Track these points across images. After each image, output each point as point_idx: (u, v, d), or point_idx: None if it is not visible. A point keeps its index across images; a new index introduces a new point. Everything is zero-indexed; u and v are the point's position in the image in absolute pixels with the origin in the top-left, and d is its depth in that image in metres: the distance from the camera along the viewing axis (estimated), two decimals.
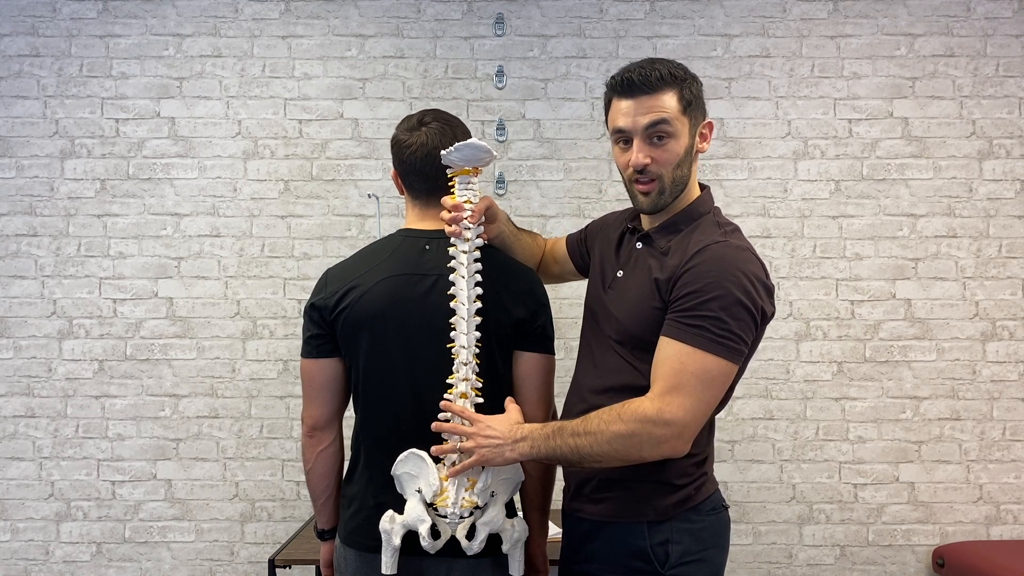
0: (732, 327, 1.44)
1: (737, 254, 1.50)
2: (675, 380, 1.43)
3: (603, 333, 1.64)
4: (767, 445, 3.09)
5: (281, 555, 2.46)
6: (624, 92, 1.55)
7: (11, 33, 3.09)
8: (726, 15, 3.11)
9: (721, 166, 3.10)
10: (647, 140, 1.53)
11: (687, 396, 1.42)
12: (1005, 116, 3.10)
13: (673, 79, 1.54)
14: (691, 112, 1.56)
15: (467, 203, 1.57)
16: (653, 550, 1.51)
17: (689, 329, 1.44)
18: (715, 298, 1.43)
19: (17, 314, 3.08)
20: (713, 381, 1.45)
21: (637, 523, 1.52)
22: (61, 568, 3.07)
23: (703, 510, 1.56)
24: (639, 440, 1.41)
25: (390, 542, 1.50)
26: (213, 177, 3.10)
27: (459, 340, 1.52)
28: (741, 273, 1.46)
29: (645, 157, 1.53)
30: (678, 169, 1.56)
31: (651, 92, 1.52)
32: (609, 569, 1.54)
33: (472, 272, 1.54)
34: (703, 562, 1.54)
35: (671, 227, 1.60)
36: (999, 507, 3.08)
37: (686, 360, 1.43)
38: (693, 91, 1.57)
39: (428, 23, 3.11)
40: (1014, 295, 3.09)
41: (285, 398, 3.09)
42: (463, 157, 1.55)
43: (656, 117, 1.52)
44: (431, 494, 1.47)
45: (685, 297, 1.46)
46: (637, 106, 1.53)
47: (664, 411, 1.41)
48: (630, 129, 1.54)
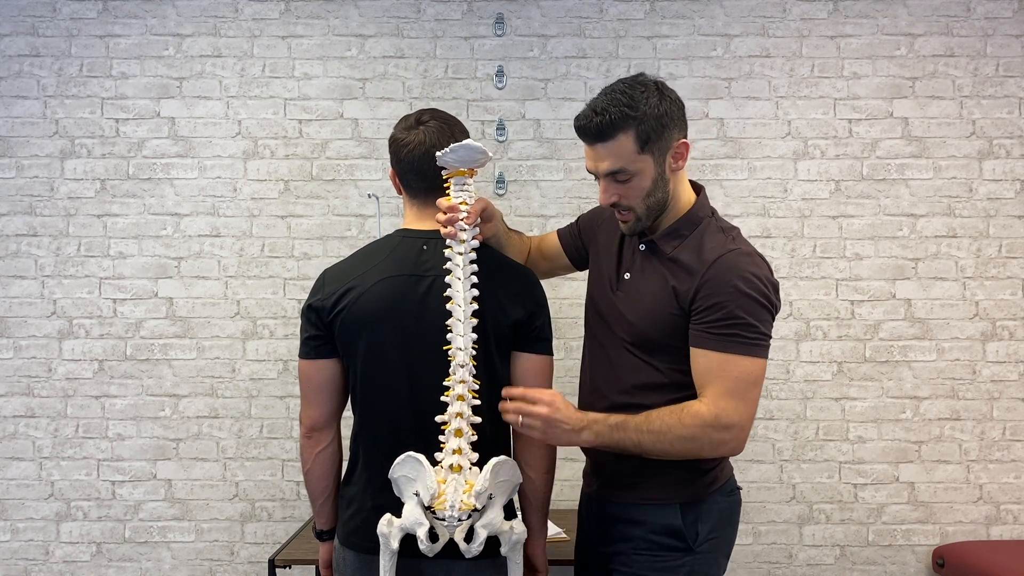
0: (759, 328, 1.56)
1: (748, 261, 1.60)
2: (724, 385, 1.55)
3: (615, 334, 1.70)
4: (767, 445, 3.09)
5: (281, 555, 2.46)
6: (582, 137, 1.61)
7: (11, 33, 3.09)
8: (726, 15, 3.11)
9: (721, 166, 3.10)
10: (612, 181, 1.60)
11: (739, 399, 1.55)
12: (1005, 116, 3.10)
13: (625, 120, 1.54)
14: (651, 147, 1.57)
15: (463, 204, 1.57)
16: (687, 528, 1.63)
17: (724, 339, 1.55)
18: (740, 306, 1.55)
19: (17, 314, 3.09)
20: (757, 380, 1.58)
21: (671, 504, 1.64)
22: (61, 568, 3.07)
23: (725, 491, 1.70)
24: (701, 443, 1.55)
25: (388, 546, 1.49)
26: (213, 177, 3.10)
27: (455, 342, 1.52)
28: (755, 278, 1.57)
29: (612, 196, 1.61)
30: (649, 198, 1.62)
31: (604, 140, 1.57)
32: (644, 546, 1.64)
33: (468, 274, 1.54)
34: (721, 539, 1.68)
35: (674, 233, 1.66)
36: (999, 507, 3.08)
37: (729, 367, 1.55)
38: (651, 125, 1.56)
39: (428, 23, 3.11)
40: (1014, 295, 3.09)
41: (285, 398, 3.09)
42: (458, 158, 1.55)
43: (612, 167, 1.58)
44: (428, 497, 1.46)
45: (710, 309, 1.56)
46: (595, 154, 1.60)
47: (721, 416, 1.54)
48: (594, 171, 1.62)
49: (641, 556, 1.64)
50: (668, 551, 1.63)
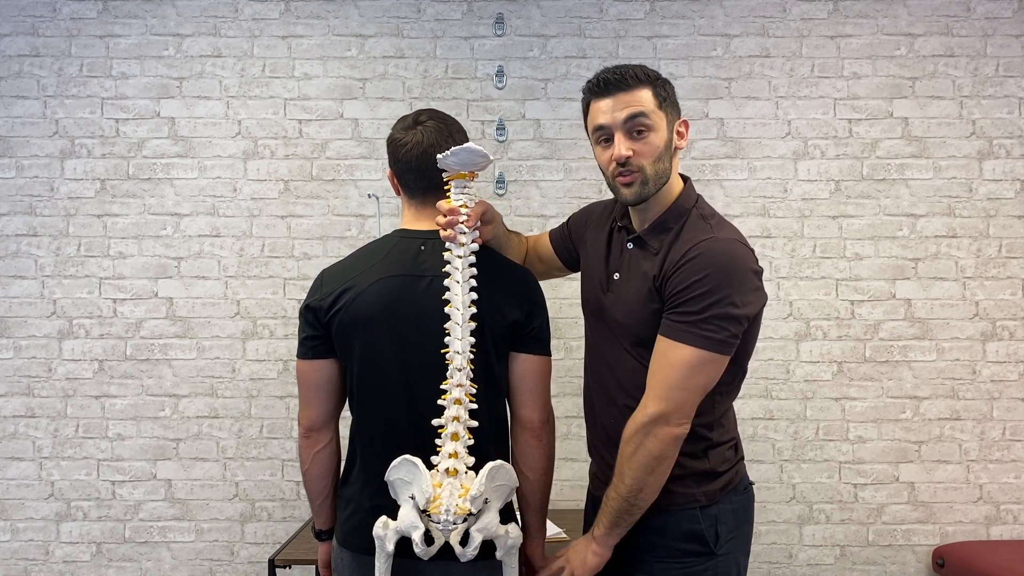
0: (717, 321, 1.51)
1: (725, 247, 1.56)
2: (659, 376, 1.53)
3: (611, 334, 1.69)
4: (767, 445, 3.09)
5: (281, 555, 2.46)
6: (601, 92, 1.62)
7: (11, 33, 3.09)
8: (726, 15, 3.11)
9: (721, 166, 3.10)
10: (627, 134, 1.59)
11: (672, 388, 1.52)
12: (1005, 116, 3.09)
13: (647, 78, 1.61)
14: (666, 107, 1.62)
15: (463, 207, 1.56)
16: (707, 532, 1.61)
17: (677, 326, 1.53)
18: (701, 294, 1.51)
19: (17, 314, 3.09)
20: (698, 369, 1.52)
21: (689, 509, 1.61)
22: (61, 568, 3.08)
23: (739, 490, 1.69)
24: (648, 448, 1.52)
25: (383, 548, 1.49)
26: (213, 177, 3.10)
27: (453, 345, 1.52)
28: (727, 267, 1.53)
29: (627, 150, 1.59)
30: (659, 162, 1.61)
31: (627, 89, 1.59)
32: (665, 554, 1.62)
33: (467, 277, 1.54)
34: (739, 538, 1.67)
35: (661, 226, 1.64)
36: (999, 507, 3.08)
37: (670, 354, 1.52)
38: (667, 90, 1.64)
39: (428, 23, 3.11)
40: (1014, 295, 3.09)
41: (285, 398, 3.09)
42: (460, 161, 1.54)
43: (634, 111, 1.58)
44: (424, 500, 1.46)
45: (674, 295, 1.55)
46: (615, 103, 1.59)
47: (648, 407, 1.52)
48: (610, 125, 1.60)
49: (663, 564, 1.62)
50: (692, 557, 1.61)
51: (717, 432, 1.64)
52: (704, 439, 1.62)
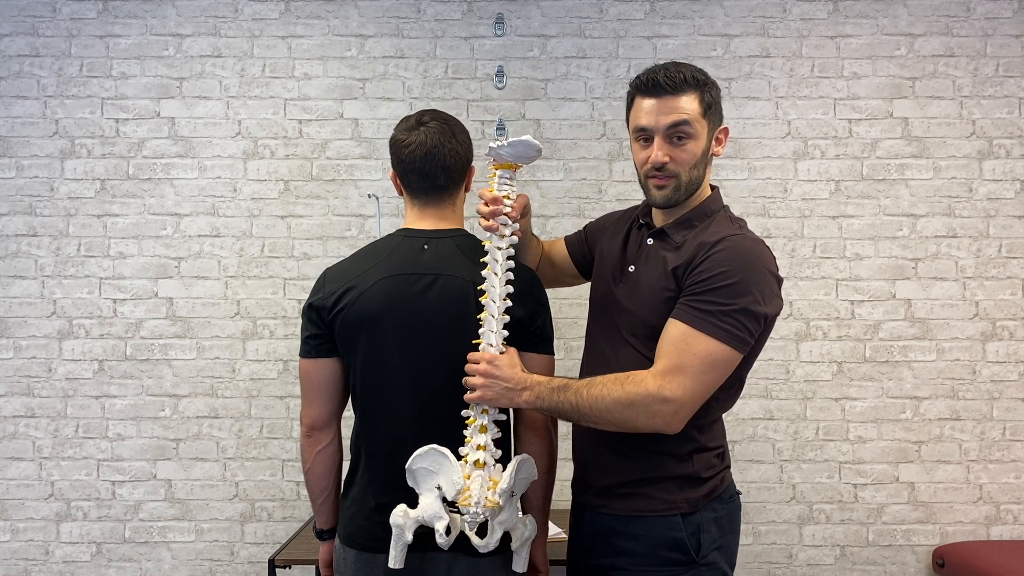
0: (740, 316, 1.49)
1: (753, 246, 1.56)
2: (678, 360, 1.48)
3: (615, 328, 1.67)
4: (767, 445, 3.09)
5: (281, 555, 2.46)
6: (648, 91, 1.60)
7: (11, 33, 3.09)
8: (726, 15, 3.11)
9: (721, 166, 3.10)
10: (667, 139, 1.58)
11: (688, 377, 1.48)
12: (1005, 116, 3.10)
13: (696, 82, 1.59)
14: (710, 115, 1.61)
15: (506, 198, 1.56)
16: (688, 540, 1.57)
17: (698, 313, 1.49)
18: (727, 286, 1.50)
19: (17, 314, 3.08)
20: (715, 365, 1.50)
21: (671, 516, 1.58)
22: (61, 568, 3.07)
23: (724, 498, 1.65)
24: (636, 411, 1.48)
25: (401, 537, 1.48)
26: (213, 177, 3.10)
27: (487, 338, 1.52)
28: (755, 265, 1.53)
29: (664, 155, 1.58)
30: (694, 170, 1.60)
31: (674, 93, 1.57)
32: (645, 561, 1.59)
33: (504, 269, 1.53)
34: (724, 548, 1.63)
35: (685, 223, 1.64)
36: (999, 507, 3.08)
37: (691, 342, 1.48)
38: (713, 95, 1.62)
39: (428, 23, 3.11)
40: (1014, 295, 3.09)
41: (285, 398, 3.09)
42: (515, 153, 1.54)
43: (677, 118, 1.57)
44: (453, 492, 1.45)
45: (699, 283, 1.52)
46: (660, 106, 1.58)
47: (664, 388, 1.47)
48: (652, 127, 1.59)
49: (643, 572, 1.59)
50: (672, 565, 1.57)
51: (706, 436, 1.62)
52: (692, 441, 1.59)
